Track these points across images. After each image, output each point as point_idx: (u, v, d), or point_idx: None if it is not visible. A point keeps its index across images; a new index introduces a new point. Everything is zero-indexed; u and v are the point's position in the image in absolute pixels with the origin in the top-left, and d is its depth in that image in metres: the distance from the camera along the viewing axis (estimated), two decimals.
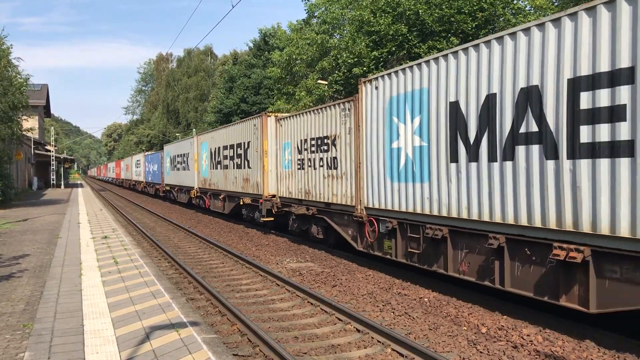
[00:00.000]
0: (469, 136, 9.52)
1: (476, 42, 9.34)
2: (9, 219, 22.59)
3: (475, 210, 9.39)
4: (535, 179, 8.13)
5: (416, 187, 11.08)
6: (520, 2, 28.77)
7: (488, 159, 9.09)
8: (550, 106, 7.88)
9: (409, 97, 11.24)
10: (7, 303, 8.43)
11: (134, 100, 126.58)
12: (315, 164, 15.99)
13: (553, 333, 7.96)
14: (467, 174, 9.61)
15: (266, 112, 20.23)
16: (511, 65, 8.60)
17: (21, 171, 47.42)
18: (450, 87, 9.95)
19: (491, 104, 9.00)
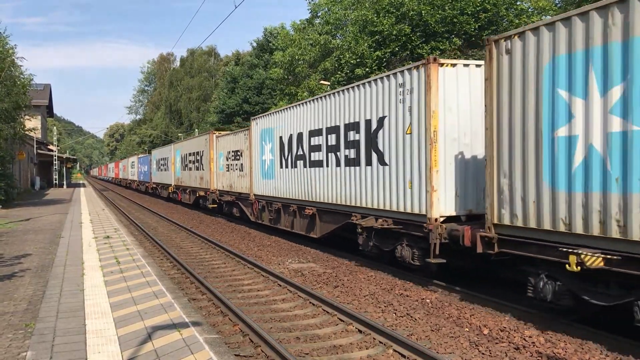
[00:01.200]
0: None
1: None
2: (12, 218, 22.63)
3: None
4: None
5: (270, 182, 19.60)
6: (523, 3, 28.76)
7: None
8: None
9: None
10: (9, 302, 8.44)
11: (136, 100, 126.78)
12: (234, 168, 24.76)
13: (555, 334, 7.95)
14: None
15: (212, 131, 30.21)
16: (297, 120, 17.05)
17: (23, 171, 47.49)
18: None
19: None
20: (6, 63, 27.85)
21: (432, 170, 10.70)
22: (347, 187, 14.06)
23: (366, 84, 13.09)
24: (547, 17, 27.65)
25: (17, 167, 41.24)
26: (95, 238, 16.13)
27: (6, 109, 28.34)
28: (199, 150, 30.49)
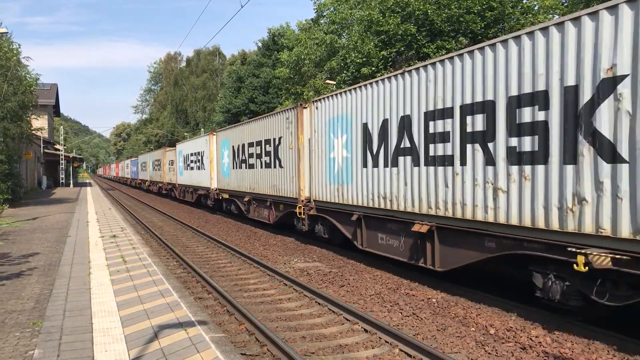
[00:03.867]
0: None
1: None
2: (19, 217, 22.74)
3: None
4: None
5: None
6: (529, 1, 28.66)
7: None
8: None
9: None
10: (16, 301, 8.48)
11: (143, 99, 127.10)
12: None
13: (562, 334, 7.92)
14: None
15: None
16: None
17: (30, 170, 47.70)
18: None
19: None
20: (12, 62, 27.97)
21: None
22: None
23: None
24: (554, 15, 27.56)
25: (24, 166, 41.43)
26: (101, 237, 16.19)
27: (13, 109, 28.47)
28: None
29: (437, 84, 10.54)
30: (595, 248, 7.28)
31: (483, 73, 9.33)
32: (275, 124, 19.22)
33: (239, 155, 23.78)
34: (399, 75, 11.79)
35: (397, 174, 11.92)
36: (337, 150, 14.65)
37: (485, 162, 9.29)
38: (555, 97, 7.91)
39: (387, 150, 12.29)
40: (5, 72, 27.28)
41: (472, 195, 9.61)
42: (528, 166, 8.38)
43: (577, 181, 7.60)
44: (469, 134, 9.69)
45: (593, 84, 7.39)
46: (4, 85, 26.84)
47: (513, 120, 8.66)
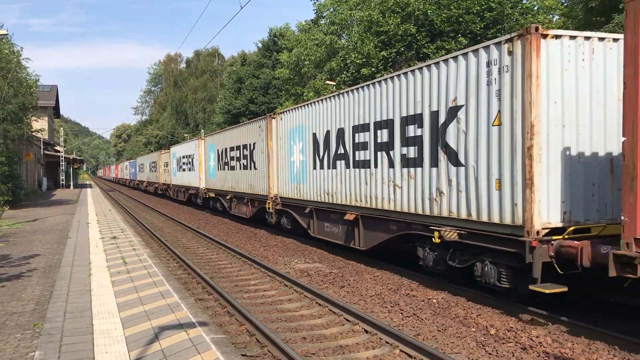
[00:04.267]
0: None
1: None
2: (19, 219, 22.75)
3: None
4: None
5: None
6: (528, 2, 28.69)
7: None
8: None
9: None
10: (17, 302, 8.49)
11: (143, 100, 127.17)
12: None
13: (562, 335, 7.92)
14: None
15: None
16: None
17: (31, 172, 47.72)
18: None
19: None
20: (12, 64, 28.00)
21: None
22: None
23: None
24: (554, 16, 27.59)
25: (24, 168, 41.45)
26: (102, 238, 16.20)
27: (13, 110, 28.49)
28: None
29: (359, 105, 13.56)
30: (448, 227, 10.19)
31: (387, 98, 12.29)
32: (251, 131, 21.97)
33: (222, 158, 26.56)
34: (336, 96, 14.77)
35: (336, 174, 14.93)
36: (296, 154, 17.60)
37: (389, 165, 12.31)
38: (426, 118, 10.95)
39: (329, 155, 15.27)
40: (6, 74, 27.30)
41: (381, 190, 12.61)
42: (412, 169, 11.48)
43: (438, 179, 10.61)
44: (378, 144, 12.75)
45: (446, 110, 10.34)
46: (4, 87, 26.85)
47: (404, 134, 11.73)
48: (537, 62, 8.44)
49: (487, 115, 9.35)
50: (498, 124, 9.11)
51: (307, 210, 16.60)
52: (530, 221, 8.42)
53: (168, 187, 43.22)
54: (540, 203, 8.49)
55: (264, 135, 20.04)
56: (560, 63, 8.69)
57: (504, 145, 8.97)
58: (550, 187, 8.62)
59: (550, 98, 8.61)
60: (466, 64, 9.76)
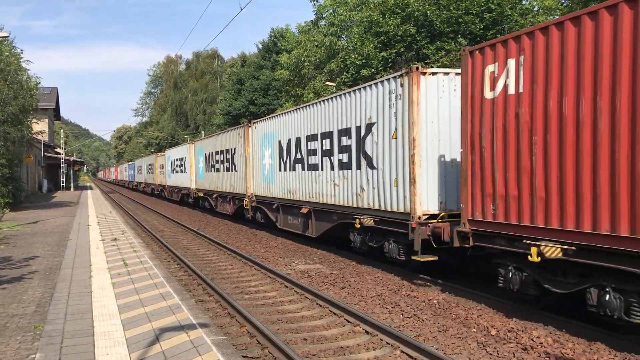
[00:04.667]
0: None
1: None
2: (20, 221, 22.76)
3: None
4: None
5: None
6: (528, 2, 28.67)
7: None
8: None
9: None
10: (18, 305, 8.49)
11: (143, 102, 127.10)
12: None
13: (563, 335, 7.92)
14: None
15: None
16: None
17: (31, 174, 47.73)
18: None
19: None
20: (12, 66, 28.01)
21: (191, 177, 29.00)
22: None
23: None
24: (555, 16, 27.57)
25: (24, 170, 41.45)
26: (102, 240, 16.20)
27: (13, 112, 28.50)
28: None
29: (311, 119, 16.31)
30: (367, 215, 13.13)
31: (328, 114, 15.11)
32: (232, 138, 24.84)
33: (209, 161, 29.30)
34: (295, 110, 17.58)
35: (295, 175, 17.75)
36: (266, 159, 20.42)
37: (330, 168, 15.17)
38: (353, 132, 13.83)
39: (290, 159, 18.04)
40: (6, 76, 27.31)
41: (326, 188, 15.48)
42: (345, 171, 14.33)
43: (361, 179, 13.50)
44: (323, 150, 15.59)
45: (365, 125, 13.23)
46: (4, 89, 26.86)
47: (340, 144, 14.57)
48: (418, 92, 11.26)
49: (389, 130, 12.21)
50: (395, 137, 12.03)
51: (275, 206, 19.52)
52: (414, 209, 11.32)
53: (164, 187, 45.73)
54: (421, 196, 11.38)
55: (242, 141, 22.93)
56: (436, 93, 11.46)
57: (399, 153, 11.88)
58: (429, 184, 11.48)
59: (428, 119, 11.40)
60: (377, 91, 12.55)
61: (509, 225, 8.80)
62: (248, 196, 22.16)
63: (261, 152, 20.94)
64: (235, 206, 24.47)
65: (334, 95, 14.93)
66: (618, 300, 7.26)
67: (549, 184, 8.05)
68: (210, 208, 29.80)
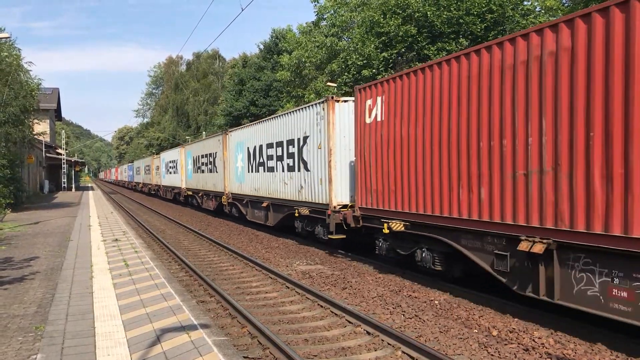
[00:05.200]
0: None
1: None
2: (21, 221, 22.77)
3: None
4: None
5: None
6: (529, 3, 28.63)
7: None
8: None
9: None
10: (19, 305, 8.49)
11: (144, 103, 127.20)
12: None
13: (565, 336, 7.91)
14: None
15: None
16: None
17: (32, 174, 47.76)
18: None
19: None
20: (12, 67, 28.02)
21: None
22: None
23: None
24: (557, 17, 27.55)
25: (26, 170, 41.48)
26: (103, 241, 16.21)
27: (15, 113, 28.51)
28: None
29: (269, 130, 20.22)
30: (304, 207, 16.83)
31: (281, 127, 18.89)
32: (214, 143, 28.55)
33: (196, 163, 33.29)
34: (260, 122, 21.67)
35: (259, 176, 21.43)
36: (239, 162, 24.15)
37: (282, 170, 18.84)
38: (295, 142, 17.52)
39: (256, 163, 21.79)
40: (6, 77, 27.33)
41: (279, 186, 19.17)
42: (291, 172, 18.02)
43: (300, 179, 17.21)
44: (277, 156, 19.28)
45: (302, 137, 17.03)
46: (5, 89, 26.89)
47: (288, 151, 18.26)
48: (333, 115, 15.20)
49: (317, 142, 15.97)
50: (320, 147, 15.83)
51: (245, 201, 23.34)
52: (331, 201, 15.13)
53: (159, 187, 49.43)
54: (336, 191, 15.19)
55: (222, 146, 26.60)
56: (347, 115, 15.02)
57: (322, 159, 15.67)
58: (342, 182, 15.21)
59: (341, 134, 15.22)
60: (310, 112, 16.34)
61: (378, 209, 12.78)
62: (226, 194, 25.86)
63: (235, 156, 24.76)
64: (217, 203, 28.06)
65: (284, 113, 18.89)
66: (429, 256, 11.30)
67: (397, 182, 11.95)
68: (197, 205, 33.56)
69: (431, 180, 10.69)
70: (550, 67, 7.98)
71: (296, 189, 17.56)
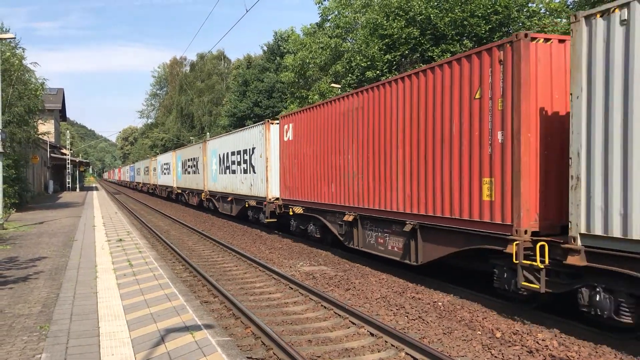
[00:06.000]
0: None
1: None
2: (26, 221, 22.85)
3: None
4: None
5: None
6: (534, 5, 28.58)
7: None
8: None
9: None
10: (24, 305, 8.53)
11: (148, 104, 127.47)
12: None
13: (569, 338, 7.90)
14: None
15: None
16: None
17: (37, 174, 47.93)
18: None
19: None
20: (15, 67, 28.10)
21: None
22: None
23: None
24: (562, 19, 27.51)
25: (31, 170, 41.63)
26: (108, 241, 16.25)
27: (19, 113, 28.62)
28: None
29: (233, 141, 25.82)
30: (252, 200, 22.63)
31: (240, 139, 24.58)
32: (196, 149, 34.75)
33: (184, 166, 38.70)
34: (227, 134, 27.77)
35: (227, 177, 26.82)
36: (214, 165, 29.64)
37: (240, 172, 24.36)
38: (248, 151, 23.29)
39: (225, 166, 27.09)
40: (11, 77, 27.43)
41: (239, 185, 24.67)
42: (245, 174, 23.70)
43: (252, 179, 22.87)
44: (237, 161, 24.87)
45: (251, 148, 22.95)
46: (9, 89, 26.99)
47: (243, 157, 24.02)
48: (269, 133, 20.84)
49: (260, 152, 21.64)
50: (261, 156, 21.42)
51: (217, 197, 28.94)
52: (267, 194, 20.78)
53: (156, 187, 55.65)
54: (271, 187, 20.65)
55: (201, 152, 32.56)
56: (278, 133, 19.87)
57: (262, 165, 21.21)
58: (274, 182, 20.43)
59: (275, 147, 20.31)
60: (257, 130, 22.02)
61: (290, 200, 18.56)
62: (205, 192, 31.42)
63: (211, 160, 30.38)
64: (199, 199, 33.57)
65: (242, 129, 25.05)
66: (314, 228, 17.14)
67: (298, 181, 17.75)
68: (185, 202, 39.59)
69: (315, 180, 16.44)
70: (354, 116, 14.11)
71: (248, 186, 23.41)
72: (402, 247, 12.10)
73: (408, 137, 11.63)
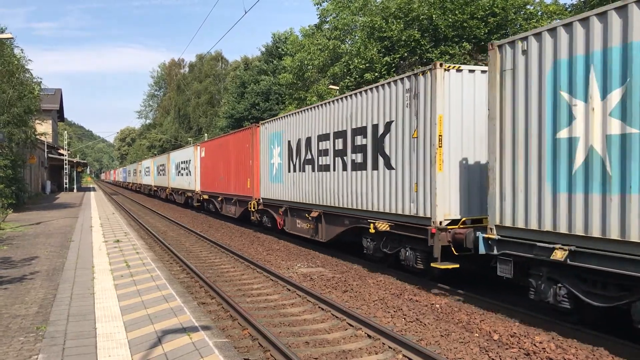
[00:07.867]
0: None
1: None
2: (23, 222, 22.80)
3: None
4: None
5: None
6: (532, 7, 28.64)
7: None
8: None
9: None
10: (20, 305, 8.50)
11: (146, 104, 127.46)
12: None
13: (566, 340, 7.90)
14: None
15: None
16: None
17: (34, 175, 47.84)
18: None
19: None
20: (13, 67, 28.06)
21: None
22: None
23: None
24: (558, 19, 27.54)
25: (28, 171, 41.55)
26: (105, 242, 16.22)
27: (17, 114, 28.55)
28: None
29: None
30: (188, 192, 37.41)
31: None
32: (189, 152, 36.88)
33: (177, 168, 41.05)
34: (214, 139, 30.87)
35: (180, 178, 38.85)
36: (201, 168, 33.61)
37: (186, 175, 36.36)
38: (188, 161, 36.05)
39: (177, 171, 41.93)
40: (9, 77, 27.38)
41: (187, 184, 37.09)
42: (188, 176, 35.62)
43: (188, 179, 35.99)
44: (183, 168, 36.97)
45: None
46: (9, 90, 26.94)
47: (187, 165, 35.91)
48: (196, 152, 33.28)
49: (193, 163, 34.72)
50: (193, 165, 34.50)
51: (206, 196, 31.22)
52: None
53: (141, 186, 62.05)
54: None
55: (193, 155, 34.89)
56: (199, 153, 31.84)
57: (193, 170, 33.49)
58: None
59: (198, 161, 32.61)
60: (192, 149, 33.25)
61: (205, 191, 30.68)
62: (196, 192, 34.26)
63: (172, 165, 36.88)
64: (188, 199, 36.84)
65: (185, 148, 27.48)
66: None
67: (209, 179, 29.14)
68: (178, 201, 42.43)
69: (212, 179, 23.56)
70: (224, 147, 25.92)
71: (188, 183, 35.46)
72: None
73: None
